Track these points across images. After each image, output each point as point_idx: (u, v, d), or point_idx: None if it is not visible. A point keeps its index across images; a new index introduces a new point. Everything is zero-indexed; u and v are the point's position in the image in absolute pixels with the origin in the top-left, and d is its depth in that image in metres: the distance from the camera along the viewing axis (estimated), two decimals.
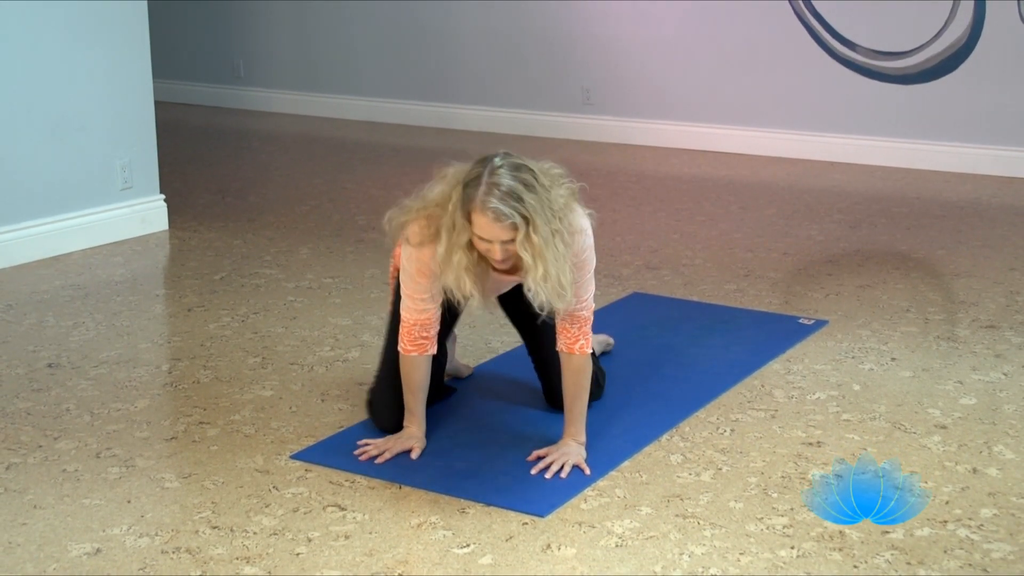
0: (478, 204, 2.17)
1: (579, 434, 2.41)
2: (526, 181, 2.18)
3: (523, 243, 2.18)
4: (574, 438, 2.41)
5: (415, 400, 2.46)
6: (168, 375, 2.96)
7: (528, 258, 2.19)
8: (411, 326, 2.40)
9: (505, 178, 2.17)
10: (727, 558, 2.02)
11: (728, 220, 4.49)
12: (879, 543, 2.06)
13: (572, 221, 2.29)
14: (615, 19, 5.97)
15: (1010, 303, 3.48)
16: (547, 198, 2.20)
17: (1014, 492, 2.28)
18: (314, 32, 6.98)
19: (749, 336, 3.16)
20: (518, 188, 2.16)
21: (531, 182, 2.19)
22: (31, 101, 3.94)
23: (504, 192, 2.16)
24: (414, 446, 2.43)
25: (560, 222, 2.23)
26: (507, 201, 2.16)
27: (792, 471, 2.36)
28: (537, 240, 2.17)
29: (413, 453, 2.42)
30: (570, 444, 2.40)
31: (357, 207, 4.76)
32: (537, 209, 2.17)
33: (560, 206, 2.24)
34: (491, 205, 2.16)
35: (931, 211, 4.64)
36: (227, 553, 2.05)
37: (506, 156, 2.24)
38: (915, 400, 2.74)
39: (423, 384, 2.45)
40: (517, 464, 2.39)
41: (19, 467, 2.40)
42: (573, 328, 2.38)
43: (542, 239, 2.17)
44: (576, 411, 2.41)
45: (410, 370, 2.43)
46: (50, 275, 3.81)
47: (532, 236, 2.17)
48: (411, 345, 2.41)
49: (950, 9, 5.21)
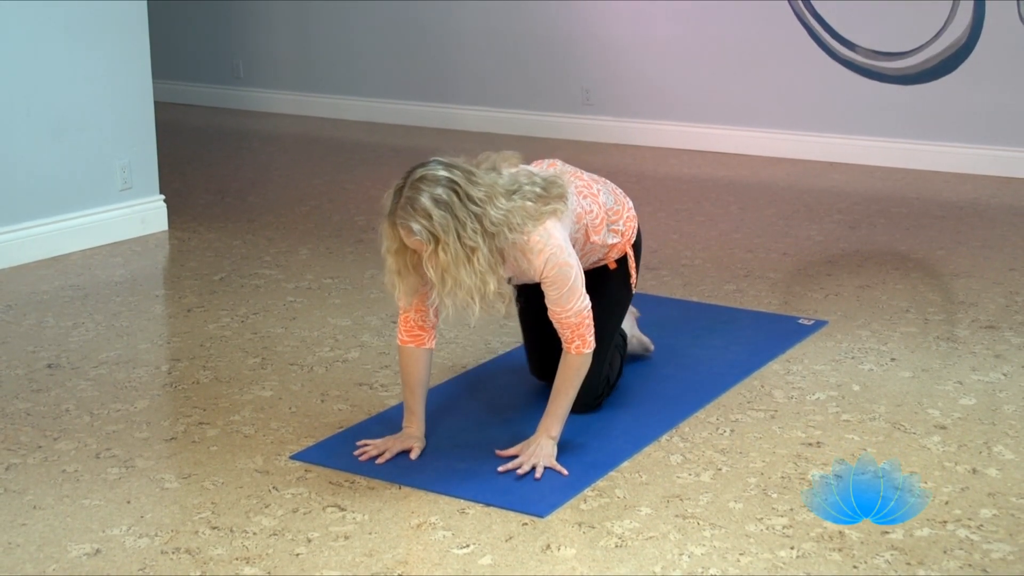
0: (390, 216, 2.21)
1: (552, 428, 2.39)
2: (438, 198, 2.17)
3: (429, 259, 2.19)
4: (547, 432, 2.38)
5: (414, 399, 2.46)
6: (168, 375, 2.96)
7: (431, 274, 2.20)
8: (402, 317, 2.43)
9: (421, 192, 2.17)
10: (727, 558, 2.03)
11: (728, 220, 4.49)
12: (879, 543, 2.06)
13: (531, 241, 2.27)
14: (615, 19, 5.97)
15: (1010, 303, 3.48)
16: (471, 213, 2.18)
17: (1014, 492, 2.28)
18: (314, 33, 6.99)
19: (749, 336, 3.17)
20: (428, 205, 2.16)
21: (448, 198, 2.17)
22: (31, 102, 3.95)
23: (414, 208, 2.17)
24: (413, 446, 2.43)
25: (496, 238, 2.21)
26: (415, 217, 2.17)
27: (792, 471, 2.37)
28: (444, 258, 2.17)
29: (412, 453, 2.42)
30: (541, 441, 2.38)
31: (357, 208, 4.76)
32: (447, 227, 2.16)
33: (501, 220, 2.21)
34: (399, 220, 2.19)
35: (931, 211, 4.64)
36: (227, 553, 2.05)
37: (436, 165, 2.22)
38: (915, 400, 2.74)
39: (422, 380, 2.45)
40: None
41: (19, 468, 2.40)
42: (565, 332, 2.37)
43: (451, 257, 2.17)
44: (556, 404, 2.39)
45: (407, 363, 2.44)
46: (50, 275, 3.82)
47: (439, 254, 2.17)
48: (407, 336, 2.43)
49: (950, 9, 5.21)
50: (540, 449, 2.36)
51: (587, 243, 2.50)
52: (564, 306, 2.33)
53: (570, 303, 2.33)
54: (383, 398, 2.77)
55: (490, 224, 2.21)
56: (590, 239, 2.50)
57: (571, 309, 2.34)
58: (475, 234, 2.18)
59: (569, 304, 2.33)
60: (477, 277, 2.19)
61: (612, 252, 2.60)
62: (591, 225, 2.49)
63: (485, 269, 2.20)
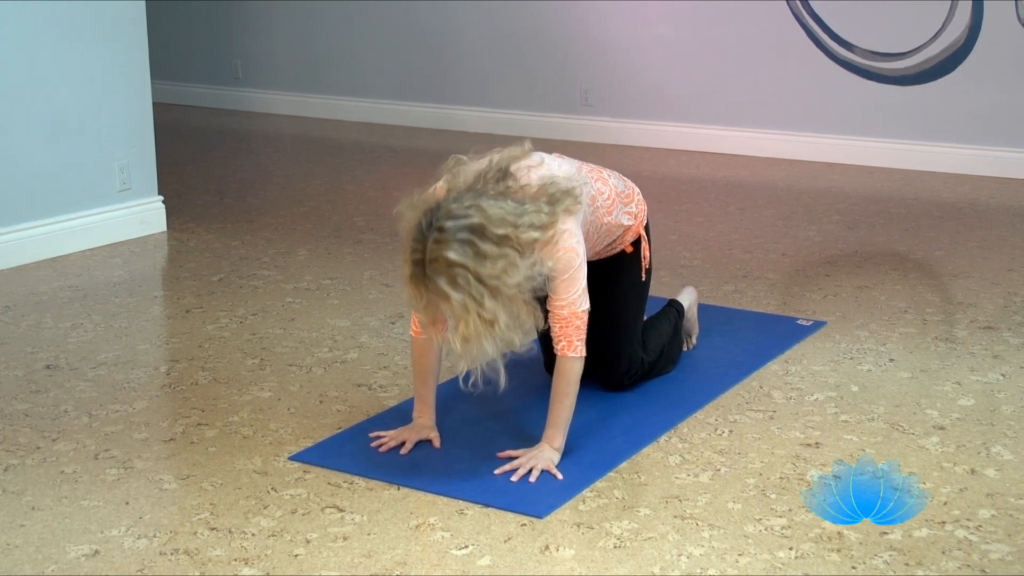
0: (413, 280, 2.15)
1: (555, 439, 2.37)
2: (454, 279, 2.10)
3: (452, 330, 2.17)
4: (549, 443, 2.37)
5: (426, 387, 2.48)
6: (166, 376, 2.96)
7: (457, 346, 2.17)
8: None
9: (439, 275, 2.11)
10: (725, 559, 2.03)
11: (726, 221, 4.50)
12: (877, 544, 2.06)
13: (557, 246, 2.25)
14: (614, 20, 5.98)
15: (1008, 304, 3.48)
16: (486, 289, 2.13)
17: (1012, 493, 2.28)
18: (313, 34, 6.99)
19: (747, 337, 3.17)
20: (447, 291, 2.11)
21: (464, 283, 2.11)
22: (30, 102, 3.95)
23: (433, 290, 2.13)
24: (432, 436, 2.47)
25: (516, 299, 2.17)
26: (436, 296, 2.13)
27: (790, 472, 2.37)
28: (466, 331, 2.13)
29: (435, 443, 2.45)
30: (543, 448, 2.38)
31: (355, 208, 4.77)
32: (468, 308, 2.12)
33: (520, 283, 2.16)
34: (413, 281, 2.14)
35: (929, 212, 4.65)
36: (225, 554, 2.05)
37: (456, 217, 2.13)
38: (913, 401, 2.75)
39: (434, 368, 2.47)
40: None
41: (17, 469, 2.40)
42: (555, 327, 2.35)
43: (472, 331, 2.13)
44: (554, 415, 2.38)
45: (419, 352, 2.46)
46: (48, 276, 3.82)
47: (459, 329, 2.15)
48: (420, 328, 2.44)
49: (948, 10, 5.21)
50: (540, 453, 2.36)
51: (601, 224, 2.52)
52: (563, 295, 2.32)
53: (569, 292, 2.32)
54: (382, 399, 2.78)
55: (508, 289, 2.16)
56: (604, 220, 2.53)
57: (568, 299, 2.33)
58: (493, 306, 2.14)
59: (568, 293, 2.33)
60: (500, 342, 2.18)
61: (627, 235, 2.64)
62: (603, 206, 2.52)
63: (506, 330, 2.17)
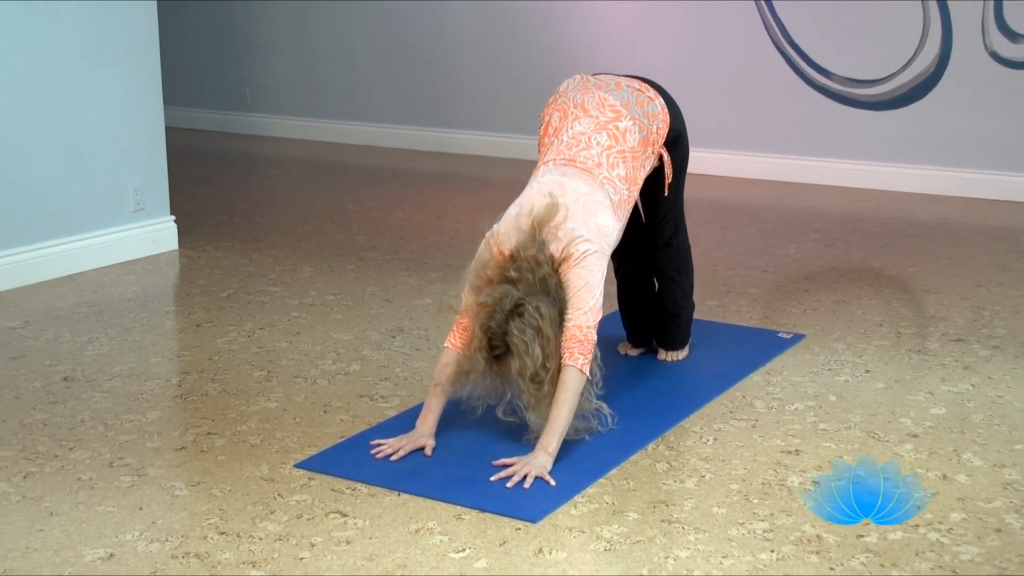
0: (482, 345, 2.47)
1: (549, 444, 2.41)
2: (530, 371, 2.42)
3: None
4: (544, 449, 2.41)
5: (437, 398, 2.55)
6: (178, 388, 3.00)
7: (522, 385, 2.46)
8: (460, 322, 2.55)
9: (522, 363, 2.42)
10: (710, 561, 2.06)
11: (710, 239, 4.52)
12: (854, 546, 2.10)
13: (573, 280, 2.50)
14: (605, 49, 6.05)
15: (977, 318, 3.52)
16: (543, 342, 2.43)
17: (981, 497, 2.32)
18: (317, 61, 7.09)
19: (731, 350, 3.21)
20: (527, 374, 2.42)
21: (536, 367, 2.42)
22: (49, 127, 3.99)
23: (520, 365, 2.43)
24: (426, 444, 2.50)
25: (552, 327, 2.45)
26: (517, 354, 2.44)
27: (772, 478, 2.41)
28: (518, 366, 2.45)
29: (427, 451, 2.49)
30: (536, 455, 2.41)
31: (358, 227, 4.81)
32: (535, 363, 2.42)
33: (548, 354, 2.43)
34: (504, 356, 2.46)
35: (903, 231, 4.69)
36: (234, 558, 2.08)
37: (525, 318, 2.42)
38: (888, 410, 2.79)
39: (451, 379, 2.53)
40: None
41: (36, 476, 2.44)
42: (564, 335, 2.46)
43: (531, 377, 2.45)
44: (553, 420, 2.43)
45: (447, 361, 2.54)
46: (66, 293, 3.86)
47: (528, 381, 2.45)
48: (459, 341, 2.54)
49: (919, 40, 5.32)
50: (534, 460, 2.39)
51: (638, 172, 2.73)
52: (577, 306, 2.44)
53: (585, 302, 2.45)
54: (383, 409, 2.81)
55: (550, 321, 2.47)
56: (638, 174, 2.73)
57: (574, 314, 2.44)
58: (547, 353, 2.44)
59: (575, 310, 2.44)
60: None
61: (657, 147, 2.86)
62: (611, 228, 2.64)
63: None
